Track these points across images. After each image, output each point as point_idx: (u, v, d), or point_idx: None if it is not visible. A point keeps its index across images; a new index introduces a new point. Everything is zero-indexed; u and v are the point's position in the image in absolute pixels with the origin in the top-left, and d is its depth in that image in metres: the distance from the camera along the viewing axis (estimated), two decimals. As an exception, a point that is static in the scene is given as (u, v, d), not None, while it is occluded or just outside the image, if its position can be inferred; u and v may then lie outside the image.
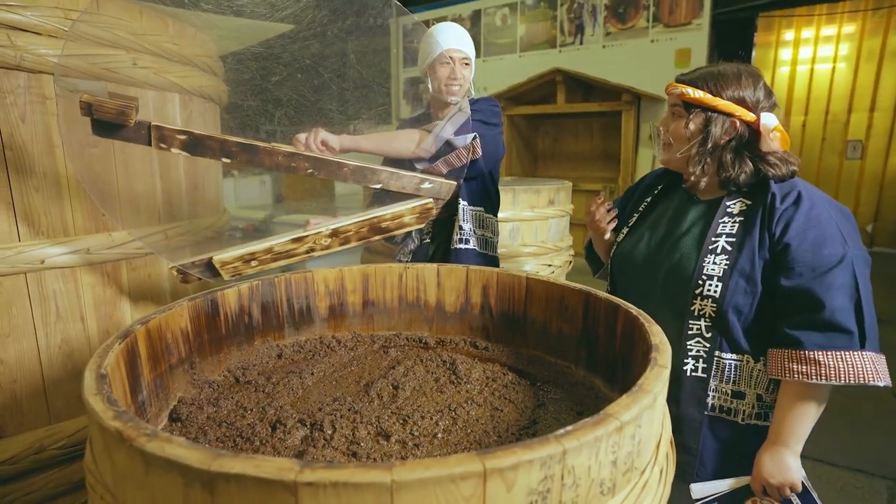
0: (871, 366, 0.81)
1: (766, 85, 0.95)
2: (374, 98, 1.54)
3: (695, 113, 0.94)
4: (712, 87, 0.92)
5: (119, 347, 0.66)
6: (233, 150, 1.03)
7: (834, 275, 0.83)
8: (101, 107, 0.93)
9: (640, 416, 0.51)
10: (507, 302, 1.10)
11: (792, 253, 0.86)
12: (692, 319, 0.92)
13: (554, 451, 0.43)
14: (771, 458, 0.87)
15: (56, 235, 1.15)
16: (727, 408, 0.91)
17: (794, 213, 0.88)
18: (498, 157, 1.54)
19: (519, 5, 5.79)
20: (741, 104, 0.92)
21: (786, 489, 0.87)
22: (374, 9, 1.42)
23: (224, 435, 0.75)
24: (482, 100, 1.51)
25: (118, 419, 0.46)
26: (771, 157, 0.92)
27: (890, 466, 1.96)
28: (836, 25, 5.39)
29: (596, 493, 0.48)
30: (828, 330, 0.83)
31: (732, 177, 0.93)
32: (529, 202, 2.12)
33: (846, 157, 5.58)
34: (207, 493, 0.40)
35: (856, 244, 0.88)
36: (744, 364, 0.91)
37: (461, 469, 0.40)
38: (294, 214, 3.68)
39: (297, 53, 1.40)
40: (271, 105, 1.43)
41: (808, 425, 0.86)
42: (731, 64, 0.96)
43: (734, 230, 0.91)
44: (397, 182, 1.15)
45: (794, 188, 0.91)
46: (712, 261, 0.91)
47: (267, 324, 1.06)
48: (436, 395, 0.87)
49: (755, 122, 0.92)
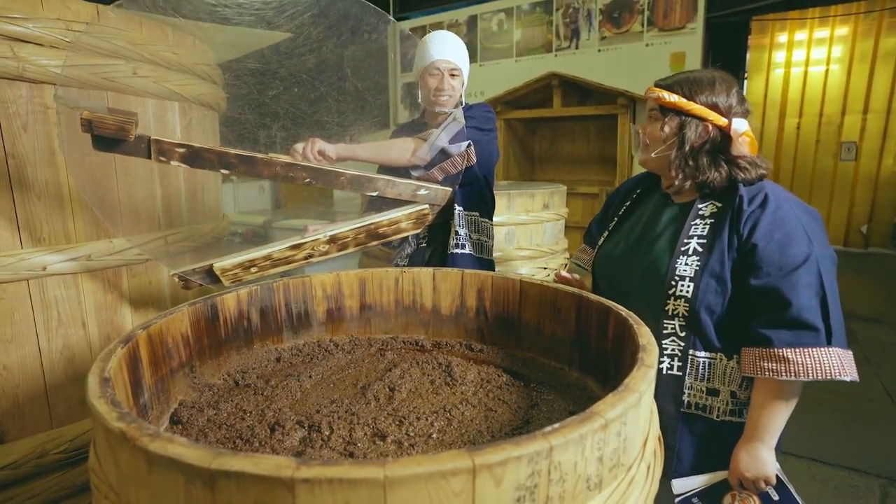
0: (837, 361, 0.84)
1: (740, 92, 0.99)
2: (369, 108, 1.56)
3: (670, 116, 0.97)
4: (687, 91, 0.96)
5: (121, 352, 0.68)
6: (231, 162, 1.06)
7: (800, 274, 0.86)
8: (101, 123, 0.95)
9: (625, 415, 0.53)
10: (501, 305, 1.12)
11: (759, 253, 0.89)
12: (667, 319, 0.95)
13: (541, 448, 0.45)
14: (746, 453, 0.90)
15: (58, 243, 1.17)
16: (702, 405, 0.94)
17: (761, 215, 0.91)
18: (492, 161, 1.56)
19: (515, 10, 5.84)
20: (714, 109, 0.95)
21: (761, 482, 0.90)
22: (368, 24, 1.44)
23: (224, 437, 0.76)
24: (476, 106, 1.54)
25: (122, 420, 0.48)
26: (741, 161, 0.95)
27: (883, 465, 1.98)
28: (829, 28, 5.44)
29: (582, 488, 0.50)
30: (795, 328, 0.85)
31: (708, 180, 0.96)
32: (524, 206, 2.15)
33: (840, 158, 5.62)
34: (208, 491, 0.42)
35: (821, 243, 0.90)
36: (717, 362, 0.94)
37: (451, 465, 0.42)
38: (293, 220, 3.71)
39: (293, 67, 1.42)
40: (269, 118, 1.46)
41: (781, 420, 0.89)
42: (708, 70, 0.99)
43: (705, 232, 0.94)
44: (393, 189, 1.17)
45: (761, 190, 0.94)
46: (684, 262, 0.94)
47: (266, 328, 1.08)
48: (431, 396, 0.89)
49: (727, 127, 0.95)
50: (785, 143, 5.83)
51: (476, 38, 6.11)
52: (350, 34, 1.41)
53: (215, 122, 1.68)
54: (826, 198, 5.75)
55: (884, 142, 5.41)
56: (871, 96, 5.36)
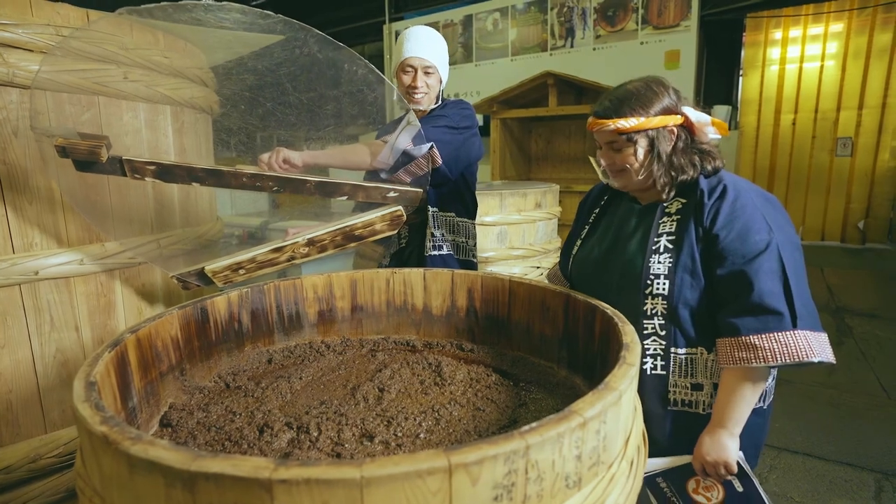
0: (804, 343, 0.84)
1: (671, 84, 1.00)
2: (343, 114, 1.54)
3: (637, 139, 0.96)
4: (640, 109, 0.95)
5: (109, 356, 0.69)
6: (200, 176, 1.13)
7: (761, 260, 0.87)
8: (73, 148, 1.02)
9: (604, 413, 0.54)
10: (491, 305, 1.12)
11: (721, 243, 0.91)
12: (646, 319, 0.96)
13: (517, 447, 0.46)
14: (710, 438, 0.92)
15: (50, 247, 1.17)
16: (688, 401, 0.95)
17: (721, 205, 0.92)
18: (470, 160, 1.52)
19: (510, 10, 5.84)
20: (667, 112, 0.96)
21: (720, 467, 0.92)
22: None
23: (213, 439, 0.77)
24: (451, 103, 1.50)
25: (105, 424, 0.48)
26: (706, 147, 0.98)
27: (878, 459, 1.98)
28: (824, 25, 5.45)
29: (561, 486, 0.51)
30: (760, 314, 0.86)
31: (689, 177, 0.96)
32: (517, 206, 2.15)
33: (836, 154, 5.63)
34: (188, 493, 0.43)
35: (781, 229, 0.91)
36: (698, 356, 0.95)
37: (427, 465, 0.43)
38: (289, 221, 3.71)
39: (267, 78, 1.42)
40: (238, 131, 1.47)
41: (747, 407, 0.90)
42: (635, 81, 0.99)
43: (673, 228, 0.96)
44: (362, 193, 1.19)
45: (720, 182, 0.96)
46: (657, 260, 0.95)
47: (257, 330, 1.09)
48: (420, 396, 0.89)
49: (686, 121, 0.96)
50: (781, 140, 5.84)
51: (471, 37, 6.11)
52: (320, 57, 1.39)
53: (208, 125, 1.69)
54: (823, 194, 5.76)
55: (879, 137, 5.42)
56: (865, 92, 5.37)
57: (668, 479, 0.99)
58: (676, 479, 0.98)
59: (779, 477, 1.91)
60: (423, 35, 1.46)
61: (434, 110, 1.47)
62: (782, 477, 1.91)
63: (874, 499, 1.77)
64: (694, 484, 0.97)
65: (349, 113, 1.57)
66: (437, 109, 1.47)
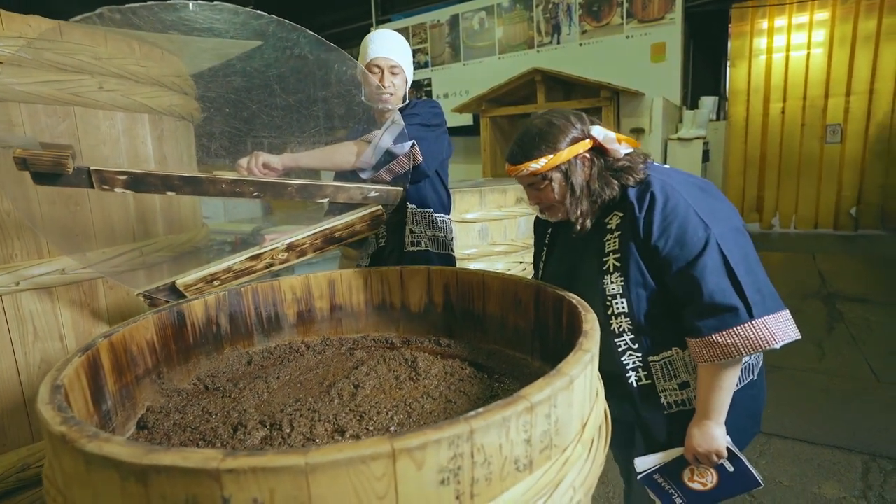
0: (765, 331, 0.85)
1: (573, 111, 1.00)
2: (330, 115, 1.56)
3: (551, 176, 0.97)
4: (547, 148, 0.95)
5: (79, 360, 0.70)
6: (176, 184, 1.06)
7: (703, 260, 0.88)
8: (35, 160, 0.92)
9: (554, 397, 0.55)
10: (467, 299, 1.14)
11: (662, 252, 0.91)
12: (616, 337, 0.97)
13: (461, 431, 0.47)
14: (699, 430, 0.93)
15: (30, 258, 1.18)
16: (681, 400, 0.97)
17: (652, 216, 0.92)
18: (443, 157, 1.55)
19: (495, 8, 5.86)
20: (575, 141, 0.96)
21: (713, 456, 0.94)
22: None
23: (188, 439, 0.78)
24: (421, 103, 1.53)
25: (64, 424, 0.50)
26: (622, 164, 0.96)
27: (866, 441, 2.00)
28: (808, 13, 5.47)
29: (511, 469, 0.52)
30: (716, 313, 0.87)
31: (607, 198, 0.96)
32: (497, 202, 2.17)
33: (826, 141, 5.66)
34: (141, 485, 0.44)
35: (719, 220, 0.91)
36: (675, 357, 0.96)
37: (371, 451, 0.44)
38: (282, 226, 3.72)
39: (244, 82, 1.43)
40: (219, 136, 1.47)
41: (726, 395, 0.92)
42: (536, 119, 0.99)
43: (617, 246, 0.96)
44: (344, 194, 1.19)
45: (648, 189, 0.94)
46: (610, 280, 0.96)
47: (236, 332, 1.10)
48: (394, 391, 0.91)
49: (595, 143, 0.96)
50: (770, 129, 5.87)
51: (458, 37, 6.13)
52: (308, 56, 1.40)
53: (189, 132, 1.70)
54: (814, 181, 5.78)
55: (868, 123, 5.44)
56: (852, 79, 5.40)
57: (664, 475, 1.01)
58: (672, 472, 1.00)
59: (768, 462, 1.93)
60: (388, 36, 1.49)
61: (404, 109, 1.49)
62: (772, 462, 1.93)
63: (861, 480, 1.79)
64: (689, 473, 0.99)
65: (337, 114, 1.58)
66: (407, 108, 1.49)
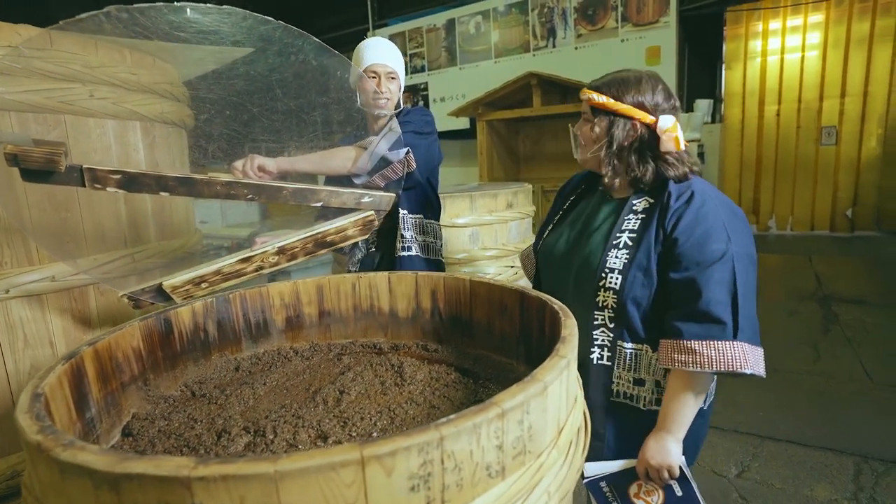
0: (740, 355, 0.86)
1: (667, 88, 1.01)
2: (329, 121, 1.58)
3: (599, 117, 1.00)
4: (615, 92, 0.99)
5: (62, 368, 0.70)
6: (170, 185, 1.05)
7: (714, 269, 0.89)
8: (27, 157, 0.91)
9: (527, 403, 0.56)
10: (454, 305, 1.14)
11: (679, 247, 0.92)
12: (597, 310, 0.98)
13: (431, 438, 0.48)
14: (655, 442, 0.93)
15: (20, 265, 1.19)
16: (630, 394, 0.97)
17: (685, 211, 0.94)
18: (434, 164, 1.58)
19: (491, 12, 5.89)
20: (640, 108, 0.98)
21: (664, 471, 0.93)
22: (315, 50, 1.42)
23: (172, 446, 0.79)
24: (413, 111, 1.56)
25: (40, 433, 0.50)
26: (668, 157, 0.99)
27: (858, 442, 2.01)
28: (803, 16, 5.50)
29: (482, 475, 0.53)
30: (704, 321, 0.88)
31: (638, 176, 0.98)
32: (487, 207, 2.18)
33: (821, 143, 5.68)
34: (114, 494, 0.45)
35: (740, 242, 0.93)
36: (643, 353, 0.97)
37: (341, 458, 0.45)
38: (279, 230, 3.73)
39: (239, 87, 1.44)
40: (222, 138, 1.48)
41: (690, 412, 0.92)
42: (636, 70, 1.02)
43: (636, 226, 0.97)
44: (338, 199, 1.20)
45: (689, 188, 0.97)
46: (615, 255, 0.97)
47: (224, 338, 1.11)
48: (379, 397, 0.91)
49: (654, 125, 0.98)
50: (766, 131, 5.89)
51: (455, 41, 6.16)
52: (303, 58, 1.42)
53: (182, 139, 1.71)
54: (810, 183, 5.80)
55: (863, 125, 5.47)
56: (847, 81, 5.43)
57: (610, 484, 1.00)
58: (619, 483, 0.99)
59: (761, 465, 1.93)
60: (383, 44, 1.52)
61: (398, 116, 1.51)
62: (764, 465, 1.93)
63: (853, 482, 1.79)
64: (636, 488, 0.98)
65: (334, 119, 1.60)
66: (400, 116, 1.51)
